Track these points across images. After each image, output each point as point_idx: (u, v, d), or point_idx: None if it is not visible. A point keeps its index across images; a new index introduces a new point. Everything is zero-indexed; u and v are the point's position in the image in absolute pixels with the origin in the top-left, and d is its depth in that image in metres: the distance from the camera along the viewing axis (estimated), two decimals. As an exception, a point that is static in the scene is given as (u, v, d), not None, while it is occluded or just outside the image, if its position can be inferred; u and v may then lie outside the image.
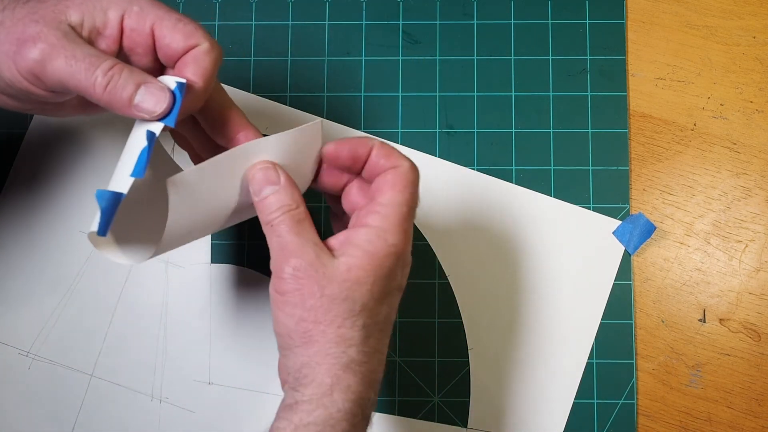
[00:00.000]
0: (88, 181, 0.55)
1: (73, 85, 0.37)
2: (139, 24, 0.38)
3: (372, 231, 0.39)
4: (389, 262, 0.39)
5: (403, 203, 0.40)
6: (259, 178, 0.40)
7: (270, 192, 0.40)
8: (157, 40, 0.39)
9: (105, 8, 0.38)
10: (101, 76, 0.36)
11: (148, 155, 0.37)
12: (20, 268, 0.54)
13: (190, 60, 0.39)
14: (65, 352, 0.53)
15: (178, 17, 0.39)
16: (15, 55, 0.36)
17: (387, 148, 0.42)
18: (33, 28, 0.36)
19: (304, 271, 0.38)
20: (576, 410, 0.53)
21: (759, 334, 0.54)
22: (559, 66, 0.56)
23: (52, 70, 0.36)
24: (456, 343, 0.54)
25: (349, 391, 0.38)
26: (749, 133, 0.56)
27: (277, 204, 0.39)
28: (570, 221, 0.55)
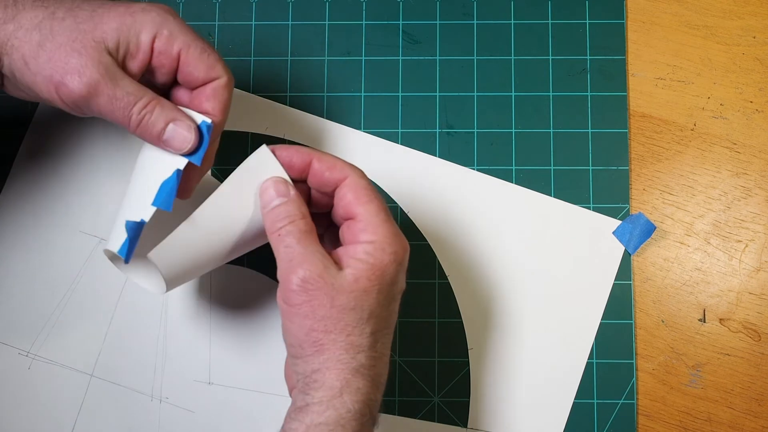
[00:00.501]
0: (89, 180, 0.55)
1: (110, 117, 0.41)
2: (167, 48, 0.41)
3: (369, 246, 0.40)
4: (392, 269, 0.40)
5: (379, 211, 0.42)
6: (270, 190, 0.42)
7: (279, 203, 0.41)
8: (181, 66, 0.42)
9: (138, 32, 0.41)
10: (135, 114, 0.41)
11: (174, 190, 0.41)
12: (20, 268, 0.54)
13: (210, 93, 0.43)
14: (65, 352, 0.53)
15: (203, 46, 0.42)
16: (59, 86, 0.39)
17: (328, 159, 0.43)
18: (76, 61, 0.39)
19: (314, 282, 0.39)
20: (576, 410, 0.53)
21: (759, 334, 0.54)
22: (559, 66, 0.56)
23: (95, 104, 0.40)
24: (456, 343, 0.54)
25: (359, 393, 0.39)
26: (749, 133, 0.56)
27: (285, 214, 0.41)
28: (570, 221, 0.55)
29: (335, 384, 0.38)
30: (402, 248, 0.41)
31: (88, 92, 0.40)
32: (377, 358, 0.40)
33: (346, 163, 0.43)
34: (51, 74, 0.39)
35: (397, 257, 0.41)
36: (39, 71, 0.40)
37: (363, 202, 0.41)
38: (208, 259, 0.44)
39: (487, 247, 0.55)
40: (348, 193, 0.42)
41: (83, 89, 0.39)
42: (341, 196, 0.42)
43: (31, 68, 0.40)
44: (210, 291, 0.54)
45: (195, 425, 0.53)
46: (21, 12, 0.40)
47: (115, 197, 0.55)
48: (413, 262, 0.54)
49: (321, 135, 0.56)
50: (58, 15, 0.40)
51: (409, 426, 0.53)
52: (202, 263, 0.44)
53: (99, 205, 0.55)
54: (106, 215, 0.55)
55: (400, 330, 0.54)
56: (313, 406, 0.38)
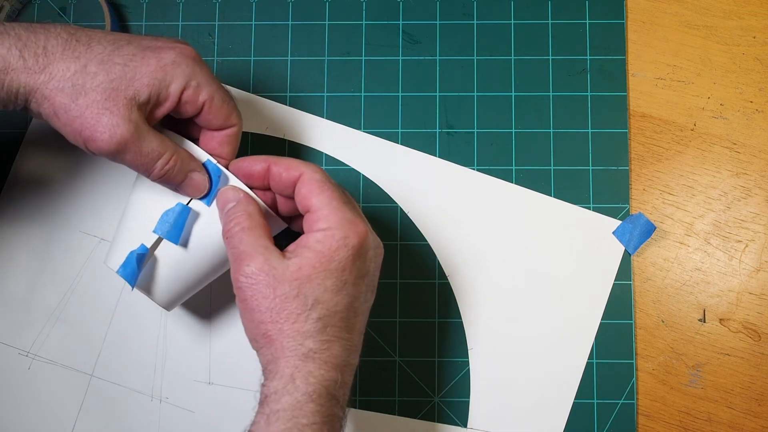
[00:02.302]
0: (88, 181, 0.55)
1: (132, 168, 0.43)
2: (194, 98, 0.43)
3: (320, 233, 0.41)
4: (341, 254, 0.41)
5: (331, 200, 0.42)
6: (225, 197, 0.44)
7: (230, 206, 0.43)
8: (203, 114, 0.44)
9: (169, 83, 0.42)
10: (158, 169, 0.43)
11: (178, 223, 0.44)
12: (20, 268, 0.54)
13: (224, 139, 0.46)
14: (65, 352, 0.53)
15: (224, 97, 0.45)
16: (88, 141, 0.41)
17: (284, 161, 0.45)
18: (107, 120, 0.41)
19: (255, 275, 0.40)
20: (576, 410, 0.53)
21: (759, 334, 0.54)
22: (559, 66, 0.56)
23: (121, 159, 0.42)
24: (456, 343, 0.54)
25: (311, 376, 0.40)
26: (749, 133, 0.56)
27: (231, 216, 0.43)
28: (570, 221, 0.55)
29: (286, 371, 0.39)
30: (355, 233, 0.41)
31: (117, 149, 0.41)
32: (329, 341, 0.41)
33: (302, 162, 0.45)
34: (81, 129, 0.41)
35: (347, 242, 0.41)
36: (69, 123, 0.41)
37: (315, 194, 0.43)
38: (198, 279, 0.47)
39: (487, 247, 0.55)
40: (302, 187, 0.43)
41: (113, 147, 0.41)
42: (297, 193, 0.44)
43: (60, 119, 0.41)
44: (210, 291, 0.54)
45: (195, 425, 0.53)
46: (52, 63, 0.41)
47: (116, 197, 0.55)
48: (413, 262, 0.54)
49: (321, 135, 0.56)
50: (90, 69, 0.41)
51: (409, 426, 0.53)
52: (193, 284, 0.47)
53: (99, 205, 0.55)
54: (106, 215, 0.55)
55: (400, 330, 0.54)
56: (271, 396, 0.39)
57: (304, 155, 0.56)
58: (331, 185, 0.43)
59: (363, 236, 0.42)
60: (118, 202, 0.55)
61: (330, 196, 0.42)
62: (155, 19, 0.57)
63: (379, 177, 0.55)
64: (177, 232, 0.44)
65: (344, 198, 0.43)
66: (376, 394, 0.53)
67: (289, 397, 0.39)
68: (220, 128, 0.46)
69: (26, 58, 0.40)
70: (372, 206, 0.55)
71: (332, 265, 0.41)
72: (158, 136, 0.43)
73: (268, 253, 0.41)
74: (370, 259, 0.43)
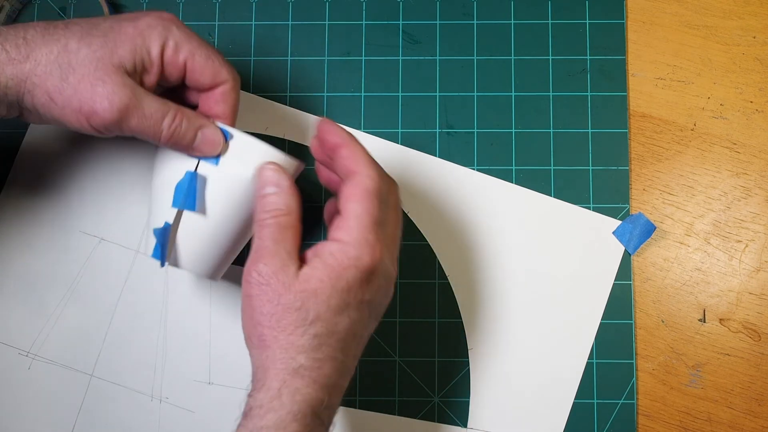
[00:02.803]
0: (88, 181, 0.55)
1: (140, 135, 0.42)
2: (174, 58, 0.43)
3: (336, 245, 0.40)
4: (349, 275, 0.40)
5: (364, 213, 0.40)
6: (265, 177, 0.43)
7: (270, 192, 0.42)
8: (188, 74, 0.44)
9: (148, 47, 0.42)
10: (166, 129, 0.42)
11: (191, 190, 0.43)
12: (20, 268, 0.54)
13: (219, 97, 0.45)
14: (65, 352, 0.53)
15: (207, 53, 0.44)
16: (90, 115, 0.41)
17: (356, 149, 0.43)
18: (102, 89, 0.40)
19: (268, 277, 0.40)
20: (576, 410, 0.53)
21: (759, 334, 0.54)
22: (559, 66, 0.56)
23: (127, 126, 0.42)
24: (456, 343, 0.54)
25: (298, 394, 0.39)
26: (749, 133, 0.56)
27: (273, 206, 0.42)
28: (570, 221, 0.55)
29: (273, 385, 0.39)
30: (369, 255, 0.40)
31: (120, 116, 0.41)
32: (322, 360, 0.40)
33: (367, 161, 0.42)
34: (80, 106, 0.41)
35: (359, 263, 0.40)
36: (66, 104, 0.41)
37: (355, 200, 0.41)
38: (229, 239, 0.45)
39: (487, 247, 0.55)
40: (347, 188, 0.41)
41: (115, 114, 0.41)
42: (341, 193, 0.42)
43: (57, 103, 0.41)
44: (210, 291, 0.54)
45: (195, 425, 0.53)
46: (34, 49, 0.41)
47: (116, 197, 0.55)
48: (413, 262, 0.54)
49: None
50: (71, 47, 0.41)
51: (409, 426, 0.53)
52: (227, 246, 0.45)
53: (99, 205, 0.55)
54: (106, 215, 0.55)
55: (400, 330, 0.54)
56: (255, 410, 0.39)
57: (304, 155, 0.56)
58: (375, 200, 0.41)
59: (376, 261, 0.40)
60: (118, 202, 0.55)
61: (366, 209, 0.40)
62: (155, 19, 0.57)
63: (379, 177, 0.55)
64: (192, 200, 0.43)
65: (380, 217, 0.41)
66: (376, 394, 0.53)
67: (274, 414, 0.38)
68: (211, 87, 0.45)
69: (8, 50, 0.40)
70: (372, 206, 0.55)
71: (340, 283, 0.40)
72: (158, 98, 0.43)
73: (288, 259, 0.40)
74: (379, 288, 0.42)
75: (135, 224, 0.54)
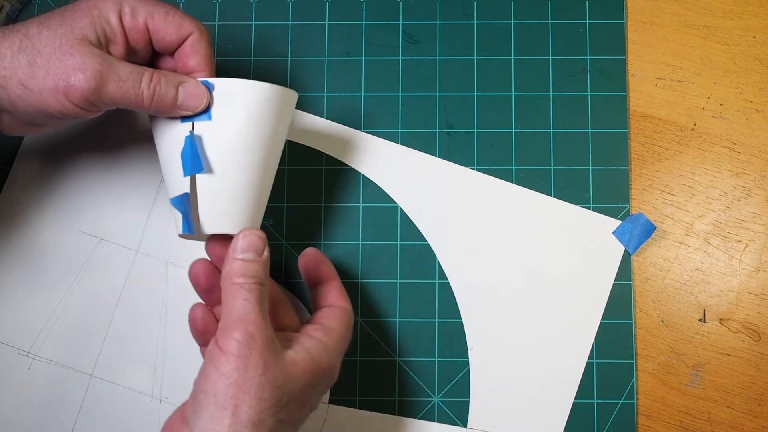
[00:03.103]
0: (88, 181, 0.55)
1: (122, 102, 0.42)
2: (134, 23, 0.42)
3: (320, 344, 0.42)
4: (323, 375, 0.41)
5: (345, 337, 0.45)
6: (249, 241, 0.42)
7: (252, 258, 0.42)
8: (152, 34, 0.44)
9: (106, 17, 0.42)
10: (146, 89, 0.42)
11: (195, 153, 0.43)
12: (20, 268, 0.54)
13: (189, 51, 0.44)
14: (65, 352, 0.53)
15: (166, 9, 0.44)
16: (68, 90, 0.40)
17: (343, 288, 0.48)
18: (72, 61, 0.40)
19: (259, 345, 0.39)
20: (576, 410, 0.53)
21: (759, 334, 0.54)
22: (559, 66, 0.56)
23: (106, 94, 0.41)
24: (456, 343, 0.54)
25: None
26: (749, 133, 0.56)
27: (254, 272, 0.41)
28: (570, 221, 0.55)
29: None
30: (336, 368, 0.43)
31: (97, 84, 0.40)
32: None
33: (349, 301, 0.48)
34: (55, 84, 0.40)
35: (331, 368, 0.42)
36: (42, 87, 0.40)
37: (339, 322, 0.45)
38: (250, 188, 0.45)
39: (487, 247, 0.55)
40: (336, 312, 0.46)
41: (92, 83, 0.40)
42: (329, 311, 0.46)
43: (32, 88, 0.40)
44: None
45: (195, 425, 0.53)
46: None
47: (116, 197, 0.55)
48: (413, 262, 0.54)
49: (321, 135, 0.56)
50: (32, 32, 0.41)
51: (409, 426, 0.53)
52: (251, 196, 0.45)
53: (99, 205, 0.55)
54: (106, 215, 0.55)
55: (400, 330, 0.54)
56: None
57: (304, 155, 0.56)
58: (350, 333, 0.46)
59: (335, 379, 0.44)
60: (118, 202, 0.55)
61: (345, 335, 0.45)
62: (155, 19, 0.57)
63: (379, 177, 0.55)
64: (197, 162, 0.43)
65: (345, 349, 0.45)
66: (376, 394, 0.53)
67: None
68: (179, 43, 0.44)
69: None
70: (372, 206, 0.55)
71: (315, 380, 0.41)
72: (130, 64, 0.42)
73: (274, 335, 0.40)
74: (320, 399, 0.44)
75: (135, 224, 0.54)
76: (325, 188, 0.55)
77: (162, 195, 0.55)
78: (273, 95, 0.45)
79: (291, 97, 0.46)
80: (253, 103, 0.44)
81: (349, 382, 0.53)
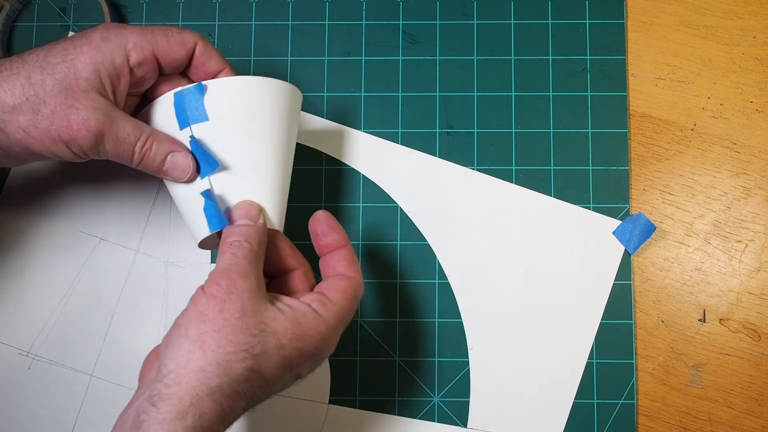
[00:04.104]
0: (88, 181, 0.55)
1: (113, 158, 0.43)
2: (142, 57, 0.43)
3: (310, 311, 0.41)
4: (308, 342, 0.40)
5: (344, 310, 0.42)
6: (243, 208, 0.43)
7: (244, 222, 0.43)
8: (161, 59, 0.44)
9: (112, 61, 0.42)
10: (138, 152, 0.43)
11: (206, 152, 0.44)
12: (20, 268, 0.54)
13: (204, 58, 0.45)
14: (65, 352, 0.53)
15: (164, 32, 0.44)
16: (70, 143, 0.41)
17: (354, 256, 0.45)
18: (76, 116, 0.41)
19: (240, 291, 0.39)
20: (576, 410, 0.53)
21: (759, 334, 0.54)
22: (559, 66, 0.56)
23: (103, 150, 0.43)
24: (456, 343, 0.54)
25: (203, 419, 0.36)
26: (749, 133, 0.56)
27: (245, 233, 0.42)
28: (570, 221, 0.55)
29: (185, 398, 0.36)
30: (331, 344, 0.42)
31: (96, 141, 0.42)
32: (239, 393, 0.38)
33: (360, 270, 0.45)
34: (58, 135, 0.41)
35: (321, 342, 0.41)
36: (44, 136, 0.41)
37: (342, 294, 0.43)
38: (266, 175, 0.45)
39: (487, 247, 0.55)
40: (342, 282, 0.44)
41: (92, 139, 0.42)
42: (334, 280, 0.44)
43: (35, 136, 0.41)
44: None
45: (195, 425, 0.53)
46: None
47: (116, 197, 0.55)
48: (413, 262, 0.54)
49: (321, 135, 0.56)
50: (35, 79, 0.41)
51: (409, 426, 0.53)
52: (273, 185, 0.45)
53: (99, 205, 0.55)
54: (106, 215, 0.55)
55: (400, 330, 0.54)
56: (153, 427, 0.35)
57: (304, 155, 0.56)
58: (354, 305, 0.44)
59: (330, 351, 0.42)
60: (119, 202, 0.55)
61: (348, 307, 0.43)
62: (155, 19, 0.57)
63: (379, 177, 0.55)
64: (210, 160, 0.43)
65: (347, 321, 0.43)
66: (376, 394, 0.53)
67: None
68: (188, 56, 0.45)
69: None
70: (372, 206, 0.55)
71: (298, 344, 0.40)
72: (132, 121, 0.43)
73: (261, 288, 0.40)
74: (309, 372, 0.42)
75: (135, 224, 0.54)
76: (325, 188, 0.55)
77: (162, 195, 0.55)
78: (267, 89, 0.45)
79: (286, 90, 0.46)
80: (249, 98, 0.44)
81: (349, 382, 0.53)
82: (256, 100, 0.44)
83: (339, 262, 0.45)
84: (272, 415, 0.53)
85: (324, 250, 0.46)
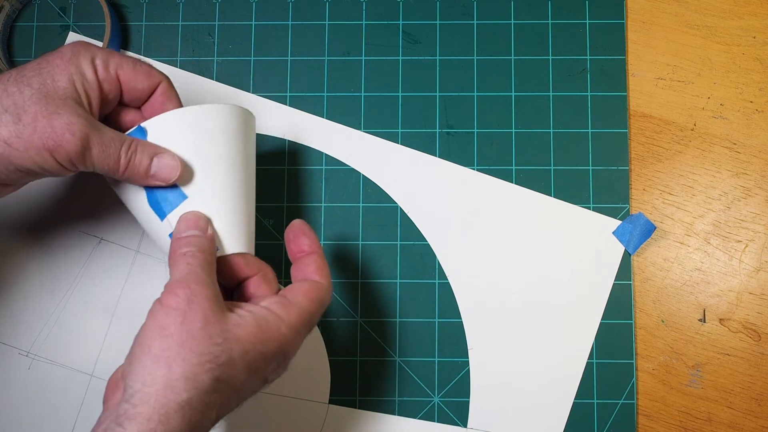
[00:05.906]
0: (89, 181, 0.55)
1: (101, 166, 0.42)
2: (107, 74, 0.43)
3: (271, 314, 0.40)
4: (270, 346, 0.40)
5: (308, 313, 0.42)
6: (188, 219, 0.43)
7: (194, 233, 0.42)
8: (123, 84, 0.44)
9: (82, 72, 0.42)
10: (123, 157, 0.42)
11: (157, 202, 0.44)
12: (20, 268, 0.54)
13: (164, 98, 0.45)
14: (65, 352, 0.53)
15: (134, 61, 0.44)
16: (55, 150, 0.40)
17: (324, 262, 0.45)
18: (60, 122, 0.40)
19: (200, 301, 0.38)
20: (576, 410, 0.53)
21: (759, 334, 0.54)
22: (559, 66, 0.56)
23: (89, 157, 0.41)
24: (456, 343, 0.54)
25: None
26: (749, 133, 0.56)
27: (197, 243, 0.41)
28: (570, 221, 0.55)
29: (153, 416, 0.35)
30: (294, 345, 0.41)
31: (83, 146, 0.41)
32: (208, 406, 0.37)
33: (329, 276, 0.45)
34: (43, 143, 0.40)
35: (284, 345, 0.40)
36: (28, 146, 0.40)
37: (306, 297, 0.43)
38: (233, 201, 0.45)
39: (487, 247, 0.55)
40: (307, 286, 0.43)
41: (78, 144, 0.40)
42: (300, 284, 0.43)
43: (17, 147, 0.40)
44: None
45: (195, 425, 0.53)
46: None
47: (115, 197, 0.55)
48: (413, 262, 0.54)
49: (321, 135, 0.56)
50: (11, 90, 0.40)
51: (409, 426, 0.53)
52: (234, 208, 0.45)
53: (99, 205, 0.55)
54: (106, 215, 0.55)
55: (400, 330, 0.54)
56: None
57: (304, 155, 0.56)
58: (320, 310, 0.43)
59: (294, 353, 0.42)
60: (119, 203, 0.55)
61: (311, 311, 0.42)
62: (155, 19, 0.57)
63: (379, 177, 0.55)
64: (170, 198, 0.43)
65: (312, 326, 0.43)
66: (376, 394, 0.53)
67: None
68: (150, 91, 0.45)
69: None
70: (372, 206, 0.55)
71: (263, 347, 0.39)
72: (111, 129, 0.43)
73: (219, 297, 0.40)
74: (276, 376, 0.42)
75: (135, 224, 0.54)
76: (324, 188, 0.55)
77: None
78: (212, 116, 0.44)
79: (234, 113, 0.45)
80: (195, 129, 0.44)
81: (349, 382, 0.53)
82: (203, 130, 0.44)
83: (308, 266, 0.45)
84: (272, 415, 0.53)
85: (296, 256, 0.46)
